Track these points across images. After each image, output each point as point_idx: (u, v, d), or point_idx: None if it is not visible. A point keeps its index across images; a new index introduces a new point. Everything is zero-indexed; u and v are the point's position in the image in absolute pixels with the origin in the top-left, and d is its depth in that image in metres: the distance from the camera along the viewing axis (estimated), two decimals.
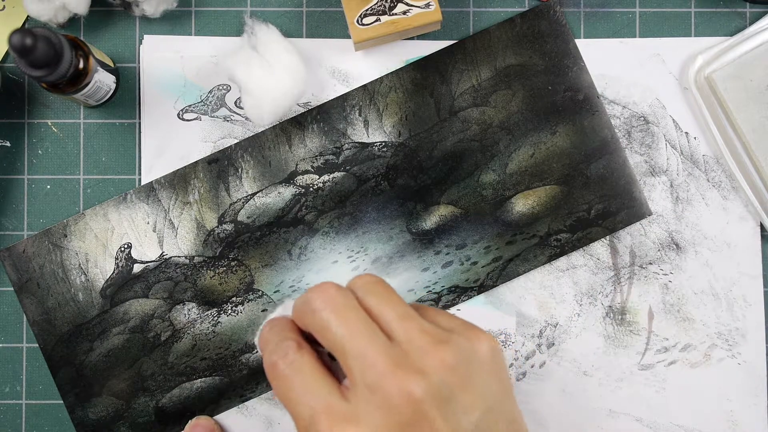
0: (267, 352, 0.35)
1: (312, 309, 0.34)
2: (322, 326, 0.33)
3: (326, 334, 0.33)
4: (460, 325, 0.35)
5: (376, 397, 0.31)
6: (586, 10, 0.56)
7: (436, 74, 0.55)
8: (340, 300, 0.33)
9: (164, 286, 0.54)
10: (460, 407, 0.32)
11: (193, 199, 0.55)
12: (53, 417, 0.55)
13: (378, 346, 0.32)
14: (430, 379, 0.31)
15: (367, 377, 0.31)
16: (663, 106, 0.56)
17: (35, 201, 0.55)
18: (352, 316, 0.33)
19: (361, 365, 0.32)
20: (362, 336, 0.32)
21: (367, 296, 0.34)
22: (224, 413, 0.54)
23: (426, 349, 0.32)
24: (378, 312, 0.34)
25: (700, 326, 0.55)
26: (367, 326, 0.33)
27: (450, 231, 0.55)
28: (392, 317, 0.33)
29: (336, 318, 0.33)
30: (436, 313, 0.36)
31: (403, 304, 0.34)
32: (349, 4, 0.52)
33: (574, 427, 0.55)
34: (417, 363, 0.32)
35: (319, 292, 0.34)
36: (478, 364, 0.34)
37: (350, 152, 0.55)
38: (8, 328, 0.55)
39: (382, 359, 0.32)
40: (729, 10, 0.56)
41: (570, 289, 0.55)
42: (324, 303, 0.33)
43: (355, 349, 0.32)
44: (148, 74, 0.55)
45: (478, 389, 0.33)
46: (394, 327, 0.33)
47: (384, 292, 0.35)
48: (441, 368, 0.32)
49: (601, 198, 0.55)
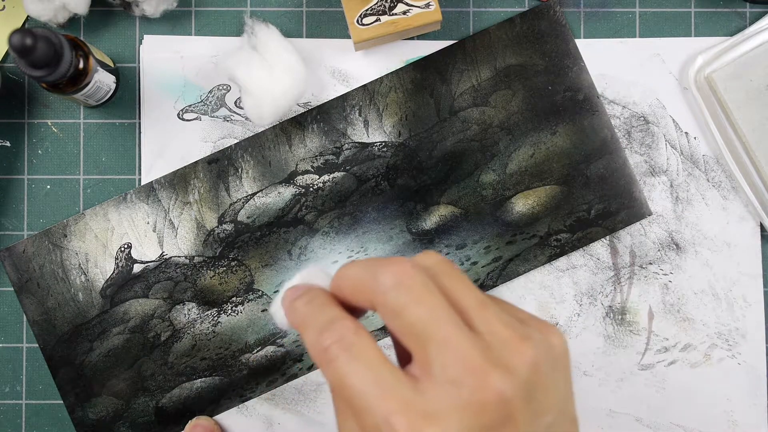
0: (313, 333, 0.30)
1: (384, 286, 0.30)
2: (397, 307, 0.29)
3: (401, 317, 0.29)
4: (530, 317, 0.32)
5: (461, 393, 0.28)
6: (586, 10, 0.56)
7: (436, 74, 0.55)
8: (418, 279, 0.29)
9: (164, 286, 0.54)
10: (540, 408, 0.29)
11: (193, 199, 0.55)
12: (53, 417, 0.55)
13: (463, 336, 0.28)
14: (518, 378, 0.28)
15: (451, 370, 0.28)
16: (663, 106, 0.56)
17: (35, 201, 0.55)
18: (433, 299, 0.29)
19: (443, 356, 0.28)
20: (445, 323, 0.29)
21: (440, 277, 0.31)
22: (224, 413, 0.54)
23: (510, 343, 0.29)
24: (455, 296, 0.30)
25: (700, 326, 0.55)
26: (449, 312, 0.29)
27: (450, 231, 0.55)
28: (471, 304, 0.30)
29: (414, 300, 0.29)
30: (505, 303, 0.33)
31: (479, 290, 0.31)
32: (349, 4, 0.52)
33: None
34: (504, 359, 0.29)
35: (392, 266, 0.30)
36: (554, 361, 0.31)
37: (350, 152, 0.55)
38: (8, 328, 0.55)
39: (468, 351, 0.28)
40: (729, 10, 0.56)
41: (570, 289, 0.55)
42: (399, 281, 0.29)
43: (438, 336, 0.28)
44: (148, 74, 0.55)
45: (553, 389, 0.30)
46: (473, 315, 0.30)
47: (458, 275, 0.31)
48: (527, 366, 0.29)
49: (601, 198, 0.55)
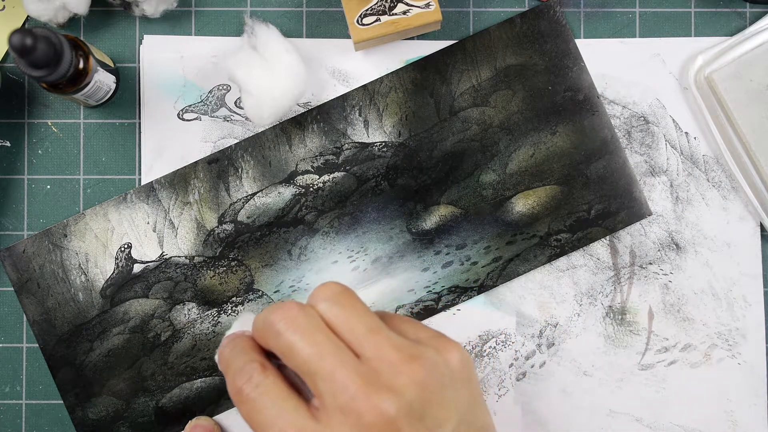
0: (230, 376, 0.33)
1: (275, 331, 0.32)
2: (287, 349, 0.32)
3: (292, 357, 0.32)
4: (429, 336, 0.34)
5: (349, 419, 0.31)
6: (586, 10, 0.56)
7: (436, 74, 0.55)
8: (303, 320, 0.32)
9: (164, 286, 0.54)
10: (434, 422, 0.31)
11: (193, 199, 0.55)
12: (53, 417, 0.55)
13: (347, 365, 0.31)
14: (402, 397, 0.31)
15: (339, 399, 0.31)
16: (663, 106, 0.56)
17: (35, 201, 0.55)
18: (317, 336, 0.32)
19: (331, 387, 0.31)
20: (330, 356, 0.31)
21: (332, 308, 0.33)
22: (224, 413, 0.54)
23: (396, 365, 0.31)
24: (344, 326, 0.33)
25: (700, 326, 0.55)
26: (334, 346, 0.32)
27: (450, 231, 0.55)
28: (360, 332, 0.32)
29: (301, 339, 0.32)
30: (403, 323, 0.35)
31: (371, 315, 0.33)
32: (349, 4, 0.52)
33: (574, 427, 0.55)
34: (389, 381, 0.31)
35: (280, 313, 0.33)
36: (450, 376, 0.33)
37: (350, 152, 0.55)
38: (8, 328, 0.55)
39: (352, 380, 0.31)
40: (729, 10, 0.56)
41: (570, 289, 0.55)
42: (287, 324, 0.32)
43: (324, 370, 0.31)
44: (148, 74, 0.55)
45: (449, 402, 0.32)
46: (362, 343, 0.32)
47: (350, 304, 0.33)
48: (413, 385, 0.31)
49: (601, 198, 0.55)
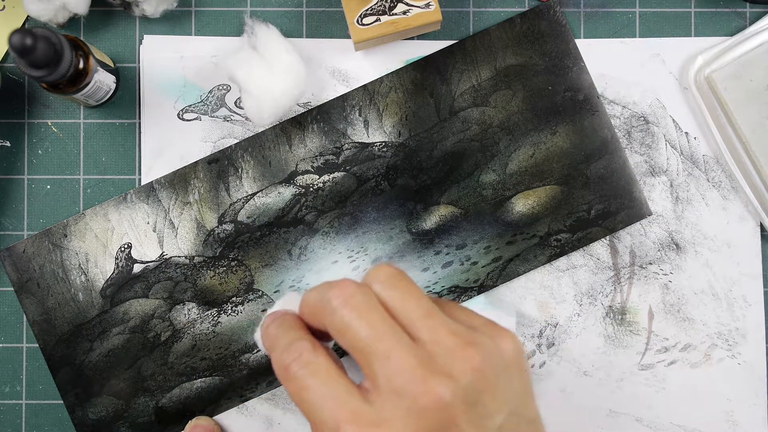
0: (277, 353, 0.33)
1: (331, 308, 0.32)
2: (342, 326, 0.32)
3: (346, 335, 0.32)
4: (483, 323, 0.34)
5: (404, 402, 0.30)
6: (586, 10, 0.56)
7: (436, 74, 0.55)
8: (360, 298, 0.32)
9: (164, 286, 0.54)
10: (486, 411, 0.31)
11: (193, 199, 0.55)
12: (53, 417, 0.55)
13: (403, 348, 0.31)
14: (458, 383, 0.30)
15: (394, 381, 0.30)
16: (663, 106, 0.56)
17: (35, 201, 0.55)
18: (374, 316, 0.31)
19: (386, 369, 0.30)
20: (386, 337, 0.31)
21: (387, 291, 0.33)
22: (224, 413, 0.54)
23: (453, 350, 0.31)
24: (400, 309, 0.32)
25: (700, 326, 0.55)
26: (391, 327, 0.31)
27: (450, 231, 0.55)
28: (416, 315, 0.32)
29: (357, 318, 0.31)
30: (457, 310, 0.35)
31: (426, 299, 0.33)
32: (349, 4, 0.52)
33: (574, 427, 0.55)
34: (445, 366, 0.31)
35: (338, 290, 0.32)
36: (503, 365, 0.33)
37: (350, 152, 0.55)
38: (8, 328, 0.55)
39: (408, 362, 0.30)
40: (729, 10, 0.56)
41: (570, 289, 0.55)
42: (344, 302, 0.32)
43: (380, 351, 0.31)
44: (148, 74, 0.55)
45: (502, 392, 0.32)
46: (418, 326, 0.32)
47: (405, 286, 0.33)
48: (469, 371, 0.31)
49: (601, 198, 0.55)
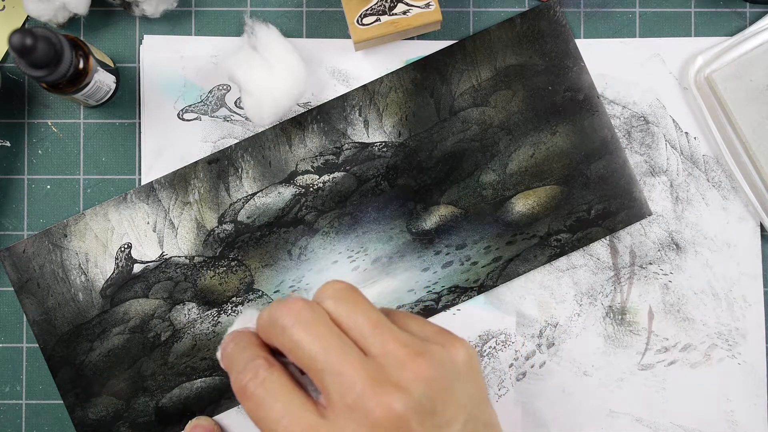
0: (234, 373, 0.33)
1: (281, 326, 0.32)
2: (293, 344, 0.32)
3: (298, 353, 0.32)
4: (435, 332, 0.34)
5: (358, 416, 0.30)
6: (586, 10, 0.56)
7: (436, 74, 0.55)
8: (309, 315, 0.32)
9: (164, 286, 0.54)
10: (442, 419, 0.31)
11: (193, 199, 0.55)
12: (53, 417, 0.55)
13: (354, 362, 0.31)
14: (411, 394, 0.31)
15: (346, 396, 0.30)
16: (663, 106, 0.56)
17: (35, 201, 0.55)
18: (323, 331, 0.32)
19: (338, 384, 0.31)
20: (336, 352, 0.31)
21: (336, 306, 0.33)
22: (224, 413, 0.54)
23: (404, 361, 0.31)
24: (350, 323, 0.32)
25: (700, 326, 0.55)
26: (340, 341, 0.31)
27: (450, 231, 0.55)
28: (366, 328, 0.32)
29: (307, 335, 0.31)
30: (408, 319, 0.35)
31: (376, 311, 0.33)
32: (349, 4, 0.52)
33: (574, 427, 0.55)
34: (396, 377, 0.31)
35: (286, 308, 0.32)
36: (456, 372, 0.33)
37: (350, 152, 0.55)
38: (8, 328, 0.55)
39: (359, 376, 0.30)
40: (729, 10, 0.56)
41: (570, 289, 0.55)
42: (293, 319, 0.32)
43: (331, 367, 0.31)
44: (148, 74, 0.55)
45: (457, 399, 0.32)
46: (368, 339, 0.32)
47: (355, 301, 0.33)
48: (421, 381, 0.31)
49: (601, 198, 0.55)
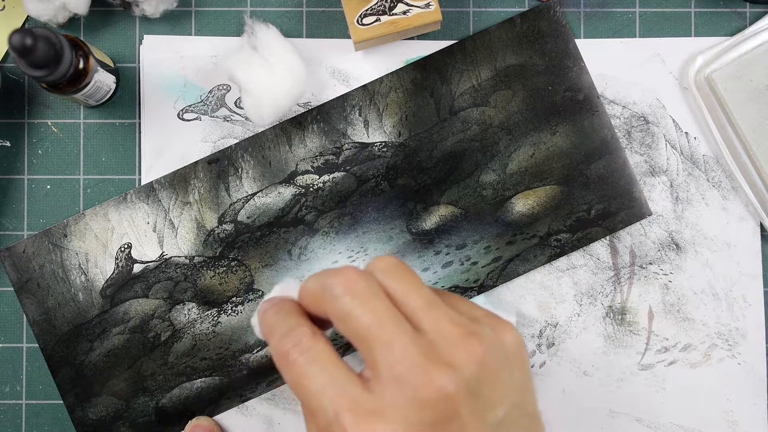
0: (276, 339, 0.32)
1: (333, 295, 0.31)
2: (344, 313, 0.31)
3: (348, 322, 0.31)
4: (484, 314, 0.34)
5: (405, 391, 0.29)
6: (586, 10, 0.56)
7: (436, 74, 0.55)
8: (363, 285, 0.31)
9: (164, 286, 0.54)
10: (488, 402, 0.31)
11: (193, 199, 0.55)
12: (53, 417, 0.55)
13: (406, 336, 0.30)
14: (461, 374, 0.30)
15: (395, 369, 0.30)
16: (663, 106, 0.56)
17: (35, 201, 0.55)
18: (377, 303, 0.31)
19: (388, 357, 0.30)
20: (388, 325, 0.30)
21: (389, 280, 0.32)
22: (224, 413, 0.54)
23: (455, 341, 0.31)
24: (402, 298, 0.32)
25: (700, 326, 0.55)
26: (393, 315, 0.31)
27: (450, 231, 0.55)
28: (418, 305, 0.32)
29: (360, 305, 0.31)
30: (458, 301, 0.34)
31: (428, 289, 0.32)
32: (349, 4, 0.52)
33: (574, 427, 0.55)
34: (447, 356, 0.30)
35: (340, 277, 0.32)
36: (505, 357, 0.32)
37: (350, 152, 0.55)
38: (8, 328, 0.55)
39: (410, 351, 0.30)
40: (729, 10, 0.56)
41: (570, 289, 0.55)
42: (346, 288, 0.31)
43: (382, 338, 0.30)
44: (148, 74, 0.55)
45: (504, 384, 0.31)
46: (420, 316, 0.31)
47: (407, 277, 0.32)
48: (471, 362, 0.30)
49: (601, 198, 0.55)
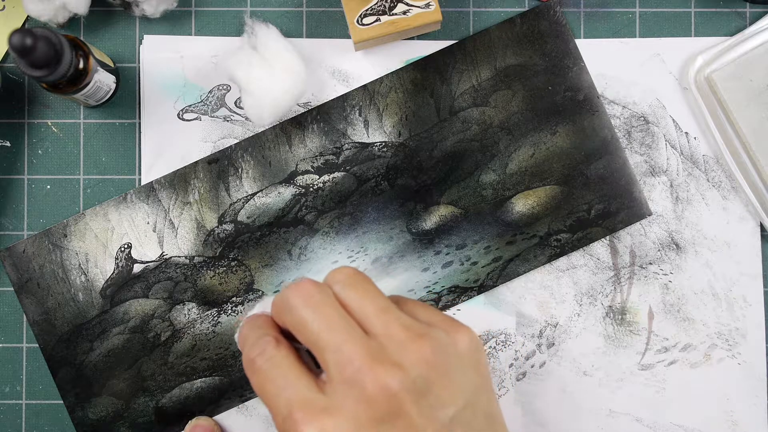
0: (246, 349, 0.35)
1: (289, 306, 0.34)
2: (300, 323, 0.33)
3: (303, 331, 0.33)
4: (440, 319, 0.35)
5: (354, 391, 0.31)
6: (586, 10, 0.56)
7: (436, 74, 0.55)
8: (316, 296, 0.33)
9: (164, 286, 0.54)
10: (437, 401, 0.32)
11: (193, 199, 0.55)
12: (53, 417, 0.55)
13: (355, 340, 0.32)
14: (407, 373, 0.32)
15: (344, 371, 0.32)
16: (663, 106, 0.56)
17: (35, 201, 0.55)
18: (328, 311, 0.33)
19: (337, 359, 0.32)
20: (339, 330, 0.32)
21: (345, 290, 0.34)
22: (224, 413, 0.54)
23: (404, 342, 0.32)
24: (357, 306, 0.34)
25: (700, 326, 0.55)
26: (344, 321, 0.33)
27: (450, 231, 0.55)
28: (371, 311, 0.33)
29: (312, 314, 0.33)
30: (416, 306, 0.36)
31: (382, 297, 0.34)
32: (349, 4, 0.52)
33: (574, 427, 0.55)
34: (394, 356, 0.32)
35: (295, 290, 0.34)
36: (457, 357, 0.34)
37: (350, 152, 0.55)
38: (8, 328, 0.55)
39: (358, 353, 0.32)
40: (729, 10, 0.56)
41: (570, 289, 0.55)
42: (301, 300, 0.33)
43: (332, 343, 0.32)
44: (148, 74, 0.55)
45: (456, 383, 0.33)
46: (372, 321, 0.33)
47: (363, 285, 0.34)
48: (418, 362, 0.32)
49: (601, 198, 0.55)
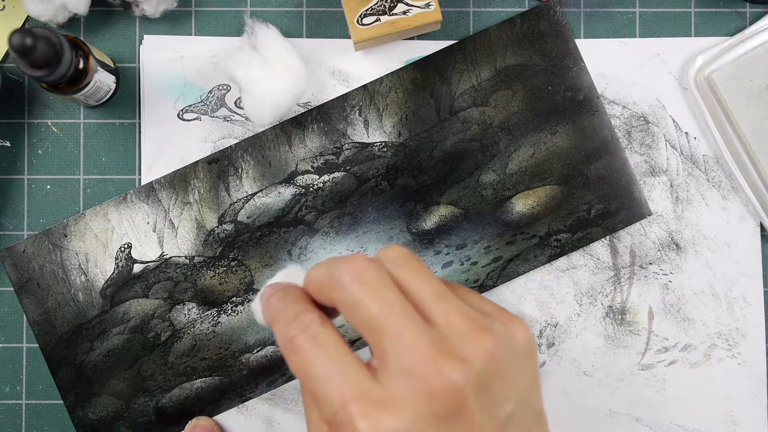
0: (282, 324, 0.31)
1: (341, 283, 0.31)
2: (353, 302, 0.30)
3: (357, 311, 0.30)
4: (495, 309, 0.33)
5: (414, 382, 0.29)
6: (586, 10, 0.56)
7: (436, 74, 0.55)
8: (372, 274, 0.31)
9: (164, 286, 0.54)
10: (497, 398, 0.30)
11: (193, 199, 0.55)
12: (53, 417, 0.55)
13: (416, 327, 0.30)
14: (471, 368, 0.29)
15: (404, 360, 0.29)
16: (663, 106, 0.56)
17: (35, 201, 0.55)
18: (386, 293, 0.30)
19: (397, 347, 0.29)
20: (398, 315, 0.30)
21: (399, 270, 0.32)
22: (224, 413, 0.54)
23: (467, 335, 0.30)
24: (412, 289, 0.31)
25: (700, 326, 0.55)
26: (403, 305, 0.30)
27: (450, 231, 0.55)
28: (428, 296, 0.31)
29: (369, 294, 0.30)
30: (470, 294, 0.34)
31: (438, 280, 0.32)
32: (349, 4, 0.52)
33: (574, 427, 0.55)
34: (458, 349, 0.30)
35: (349, 264, 0.31)
36: (516, 352, 0.32)
37: (350, 152, 0.55)
38: (8, 328, 0.55)
39: (421, 342, 0.29)
40: (729, 10, 0.56)
41: (570, 289, 0.55)
42: (354, 277, 0.30)
43: (391, 329, 0.29)
44: (148, 74, 0.55)
45: (513, 380, 0.31)
46: (431, 307, 0.31)
47: (417, 267, 0.32)
48: (482, 357, 0.30)
49: (601, 198, 0.55)
